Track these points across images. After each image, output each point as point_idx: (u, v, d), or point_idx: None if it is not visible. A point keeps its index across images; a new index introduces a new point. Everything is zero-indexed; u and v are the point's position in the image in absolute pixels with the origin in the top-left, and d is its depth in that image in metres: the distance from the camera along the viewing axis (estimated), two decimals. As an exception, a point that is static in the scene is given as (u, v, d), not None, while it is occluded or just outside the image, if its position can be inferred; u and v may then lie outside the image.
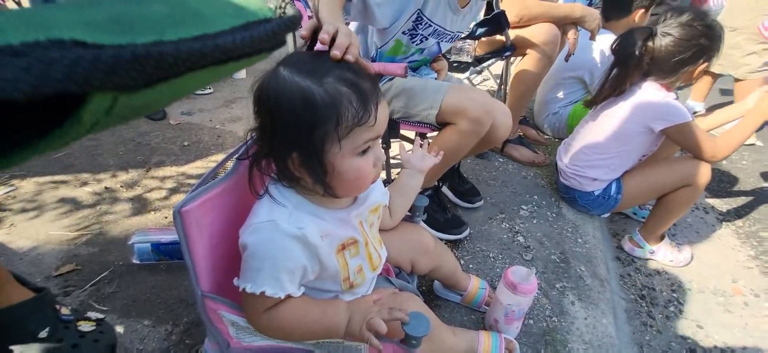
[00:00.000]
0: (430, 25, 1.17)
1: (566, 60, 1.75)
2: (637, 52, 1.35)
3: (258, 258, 0.62)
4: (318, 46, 0.64)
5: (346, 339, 0.69)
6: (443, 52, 1.35)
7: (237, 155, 0.72)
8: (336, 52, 0.61)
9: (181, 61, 0.18)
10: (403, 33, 1.18)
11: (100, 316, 0.80)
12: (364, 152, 0.63)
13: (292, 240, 0.62)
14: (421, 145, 0.96)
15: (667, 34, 1.33)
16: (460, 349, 0.88)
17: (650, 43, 1.35)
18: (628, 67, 1.39)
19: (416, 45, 1.23)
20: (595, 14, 1.66)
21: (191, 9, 0.20)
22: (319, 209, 0.66)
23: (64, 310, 0.75)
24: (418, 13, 1.14)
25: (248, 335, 0.72)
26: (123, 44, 0.17)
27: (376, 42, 1.20)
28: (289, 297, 0.63)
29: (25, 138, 0.18)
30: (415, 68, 1.33)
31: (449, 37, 1.27)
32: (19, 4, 2.66)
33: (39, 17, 0.16)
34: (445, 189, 1.55)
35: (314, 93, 0.57)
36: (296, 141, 0.59)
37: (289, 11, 0.25)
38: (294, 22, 0.25)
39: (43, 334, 0.69)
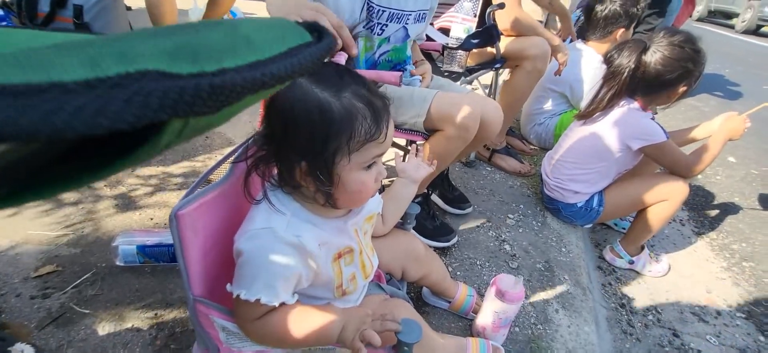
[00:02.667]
0: (383, 10, 1.15)
1: (556, 74, 1.82)
2: (632, 64, 1.38)
3: (254, 266, 0.62)
4: (334, 58, 0.65)
5: (338, 346, 0.69)
6: (413, 37, 1.31)
7: (234, 158, 0.72)
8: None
9: (246, 89, 0.19)
10: (363, 27, 1.17)
11: (30, 352, 0.73)
12: (369, 167, 0.64)
13: (290, 249, 0.62)
14: (416, 155, 0.97)
15: (658, 51, 1.36)
16: (449, 355, 0.89)
17: (643, 57, 1.38)
18: (621, 77, 1.40)
19: (378, 36, 1.20)
20: (567, 51, 1.79)
21: (243, 36, 0.21)
22: (317, 217, 0.67)
23: None
24: (368, 3, 1.12)
25: (238, 341, 0.71)
26: (196, 73, 0.17)
27: None
28: (282, 304, 0.63)
29: (108, 158, 0.18)
30: (394, 62, 1.30)
31: (412, 16, 1.22)
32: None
33: (120, 47, 0.17)
34: (434, 197, 1.57)
35: (332, 106, 0.58)
36: (308, 150, 0.60)
37: (325, 35, 0.26)
38: (331, 46, 0.27)
39: None
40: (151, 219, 1.33)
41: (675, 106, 1.52)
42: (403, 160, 0.98)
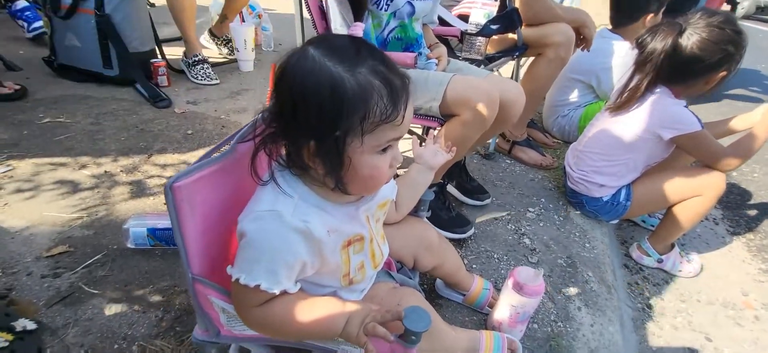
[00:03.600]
0: None
1: (583, 49, 1.75)
2: (667, 47, 1.27)
3: (256, 249, 0.58)
4: (351, 31, 0.60)
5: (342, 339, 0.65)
6: (420, 14, 1.26)
7: (238, 136, 0.69)
8: None
9: None
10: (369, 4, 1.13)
11: (31, 327, 0.70)
12: (384, 151, 0.59)
13: (296, 234, 0.58)
14: (434, 141, 0.93)
15: (695, 34, 1.25)
16: (460, 347, 0.85)
17: (679, 40, 1.27)
18: (656, 63, 1.30)
19: (385, 11, 1.16)
20: (594, 26, 1.70)
21: None
22: (326, 203, 0.63)
23: None
24: None
25: (239, 323, 0.68)
26: None
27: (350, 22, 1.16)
28: (284, 292, 0.60)
29: None
30: (404, 41, 1.26)
31: None
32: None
33: None
34: (451, 188, 1.52)
35: (345, 82, 0.53)
36: (317, 129, 0.55)
37: None
38: None
39: None
40: (164, 204, 1.33)
41: (708, 101, 1.42)
42: (421, 145, 0.93)
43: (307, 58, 0.55)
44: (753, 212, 2.00)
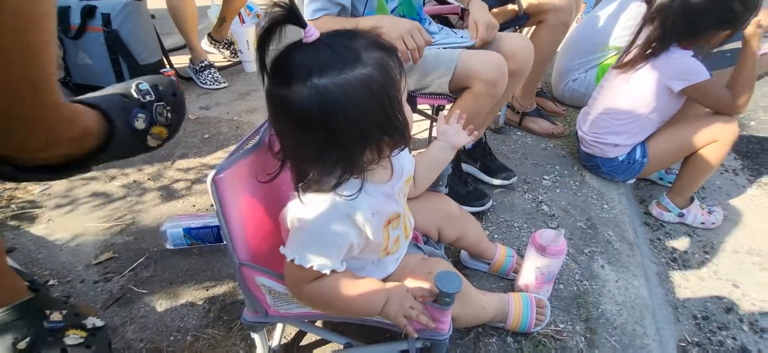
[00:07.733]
0: None
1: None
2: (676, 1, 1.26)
3: (309, 233, 0.63)
4: (306, 38, 0.59)
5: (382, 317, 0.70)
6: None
7: (265, 129, 0.73)
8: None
9: None
10: None
11: (99, 324, 0.74)
12: None
13: (345, 219, 0.63)
14: (457, 120, 0.95)
15: None
16: (491, 308, 0.89)
17: None
18: (663, 16, 1.29)
19: None
20: None
21: None
22: (368, 185, 0.66)
23: (55, 316, 0.70)
24: None
25: (285, 303, 0.74)
26: None
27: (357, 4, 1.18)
28: (333, 271, 0.65)
29: None
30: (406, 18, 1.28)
31: None
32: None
33: None
34: (476, 170, 1.51)
35: (371, 76, 0.56)
36: (385, 123, 0.59)
37: None
38: None
39: (22, 345, 0.64)
40: (194, 206, 1.39)
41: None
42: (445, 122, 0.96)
43: (325, 92, 0.54)
44: (773, 158, 1.98)
